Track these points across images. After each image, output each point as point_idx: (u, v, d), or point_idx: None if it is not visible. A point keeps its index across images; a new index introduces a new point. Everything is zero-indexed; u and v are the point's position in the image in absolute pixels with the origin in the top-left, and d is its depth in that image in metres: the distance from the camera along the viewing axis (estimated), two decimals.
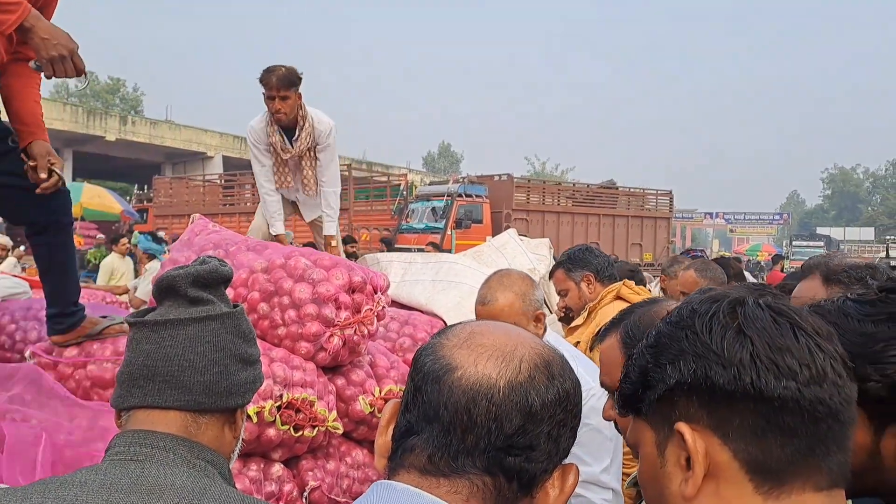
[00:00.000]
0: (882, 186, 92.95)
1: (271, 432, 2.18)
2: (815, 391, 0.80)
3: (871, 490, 1.15)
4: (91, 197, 16.58)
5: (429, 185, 23.49)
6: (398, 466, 0.88)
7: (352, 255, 9.67)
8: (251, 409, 2.11)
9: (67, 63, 2.10)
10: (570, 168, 78.64)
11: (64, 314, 2.41)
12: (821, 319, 0.87)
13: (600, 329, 1.79)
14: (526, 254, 3.83)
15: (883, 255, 18.95)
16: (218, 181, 23.25)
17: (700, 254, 7.11)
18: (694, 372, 0.83)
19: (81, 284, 3.00)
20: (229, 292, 2.42)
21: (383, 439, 0.92)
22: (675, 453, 0.84)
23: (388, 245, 14.60)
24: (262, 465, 2.24)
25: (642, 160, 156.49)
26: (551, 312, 3.63)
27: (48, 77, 2.15)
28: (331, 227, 4.31)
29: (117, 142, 30.99)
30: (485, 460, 0.84)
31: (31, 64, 2.15)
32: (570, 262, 3.35)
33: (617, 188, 22.95)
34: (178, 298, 1.25)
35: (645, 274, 7.03)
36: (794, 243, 43.55)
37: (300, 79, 3.94)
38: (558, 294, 3.46)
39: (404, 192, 19.90)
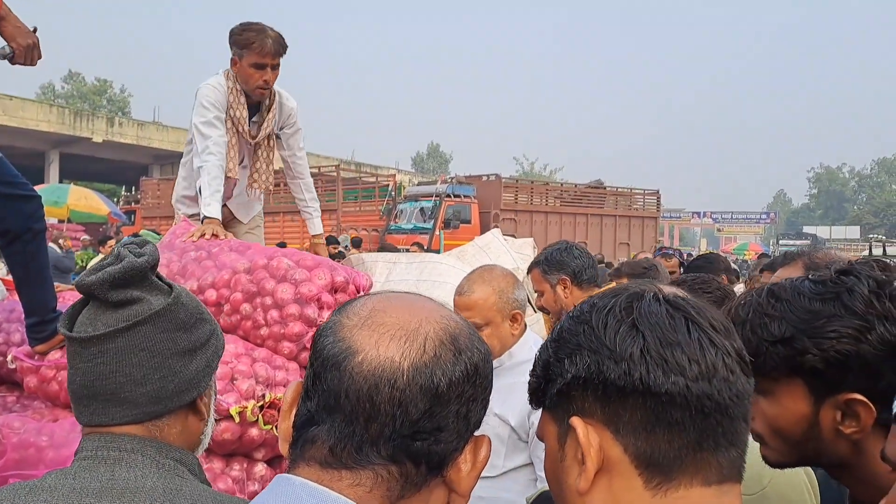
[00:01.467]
0: (867, 185, 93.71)
1: (254, 432, 2.19)
2: (704, 387, 0.80)
3: (811, 459, 1.22)
4: (78, 199, 16.50)
5: (417, 185, 23.51)
6: (298, 459, 0.83)
7: (335, 256, 9.66)
8: (233, 409, 2.12)
9: (35, 51, 2.26)
10: (559, 168, 79.01)
11: (44, 322, 2.40)
12: (719, 313, 0.88)
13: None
14: (510, 253, 3.86)
15: (866, 253, 19.08)
16: None
17: (672, 252, 7.14)
18: (588, 367, 0.83)
19: (69, 288, 3.00)
20: (211, 293, 2.44)
21: (286, 424, 0.87)
22: (572, 447, 0.84)
23: (357, 245, 14.60)
24: (244, 465, 2.25)
25: (631, 160, 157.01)
26: (536, 311, 3.65)
27: (19, 63, 2.25)
28: (318, 224, 3.83)
29: (104, 143, 30.85)
30: (390, 448, 0.80)
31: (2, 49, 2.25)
32: (547, 263, 3.19)
33: (604, 188, 23.07)
34: (100, 305, 1.16)
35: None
36: (780, 242, 43.85)
37: (287, 46, 3.33)
38: (535, 293, 3.39)
39: (393, 193, 19.93)
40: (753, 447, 1.56)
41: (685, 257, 9.00)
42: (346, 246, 13.88)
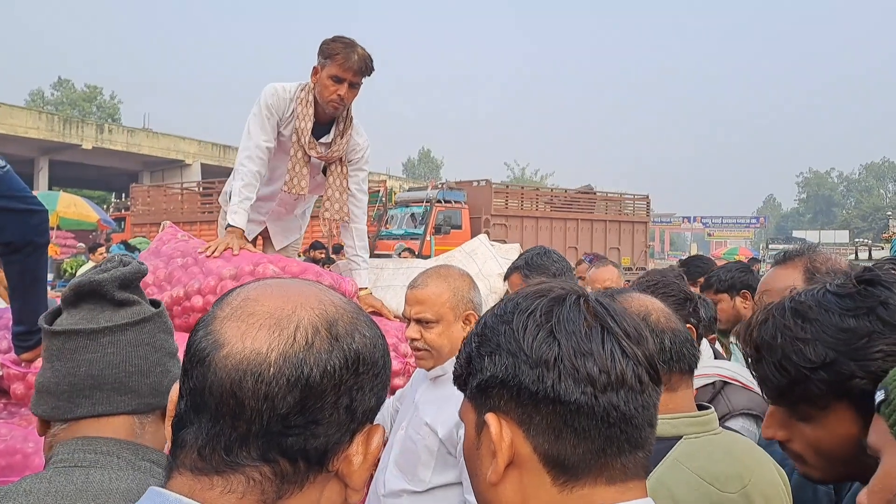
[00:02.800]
0: (856, 190, 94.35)
1: None
2: (611, 397, 0.83)
3: (858, 475, 1.16)
4: (67, 206, 16.42)
5: (408, 191, 23.52)
6: (171, 467, 0.78)
7: (317, 262, 9.63)
8: None
9: None
10: (550, 173, 79.35)
11: (31, 332, 2.40)
12: (636, 320, 0.90)
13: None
14: (496, 259, 3.87)
15: (853, 257, 19.21)
16: (196, 189, 23.14)
17: (592, 257, 7.24)
18: (506, 368, 0.85)
19: (57, 294, 3.00)
20: (197, 299, 2.46)
21: (167, 428, 0.82)
22: (487, 439, 0.86)
23: (338, 251, 14.54)
24: None
25: (621, 165, 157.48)
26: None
27: None
28: (364, 278, 3.38)
29: (94, 150, 30.74)
30: (259, 447, 0.75)
31: None
32: (528, 268, 3.14)
33: (594, 193, 23.13)
34: (103, 302, 1.23)
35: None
36: (770, 246, 44.00)
37: (373, 69, 3.12)
38: None
39: (383, 199, 19.92)
40: (734, 447, 1.61)
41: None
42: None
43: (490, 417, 0.85)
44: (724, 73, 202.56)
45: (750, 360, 1.24)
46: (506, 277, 3.32)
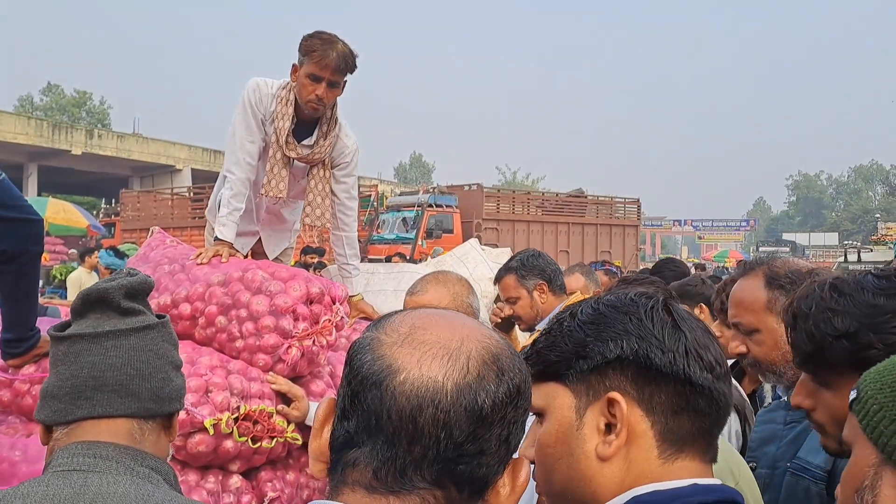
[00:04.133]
0: (845, 192, 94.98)
1: (228, 444, 2.19)
2: (723, 385, 0.97)
3: None
4: (56, 212, 16.35)
5: (399, 195, 23.54)
6: (341, 484, 0.81)
7: (309, 266, 9.55)
8: (208, 421, 2.13)
9: None
10: (542, 177, 79.49)
11: (21, 339, 2.40)
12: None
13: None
14: (487, 263, 3.88)
15: (842, 259, 19.31)
16: (187, 194, 23.08)
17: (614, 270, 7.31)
18: (636, 351, 0.95)
19: (47, 300, 2.98)
20: (185, 307, 2.44)
21: (318, 443, 0.85)
22: (594, 418, 0.96)
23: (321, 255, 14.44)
24: (220, 478, 2.25)
25: (613, 168, 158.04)
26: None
27: None
28: (356, 285, 3.29)
29: (84, 155, 30.62)
30: (434, 472, 0.78)
31: None
32: (524, 269, 3.09)
33: (586, 197, 23.21)
34: (109, 310, 1.27)
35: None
36: (760, 249, 44.21)
37: (356, 66, 2.93)
38: (506, 301, 3.18)
39: (375, 204, 19.94)
40: (721, 451, 1.62)
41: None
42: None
43: (617, 396, 0.94)
44: (713, 75, 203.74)
45: (787, 328, 1.40)
46: (497, 280, 3.26)
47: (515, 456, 0.86)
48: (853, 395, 1.02)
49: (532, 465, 0.96)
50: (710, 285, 3.28)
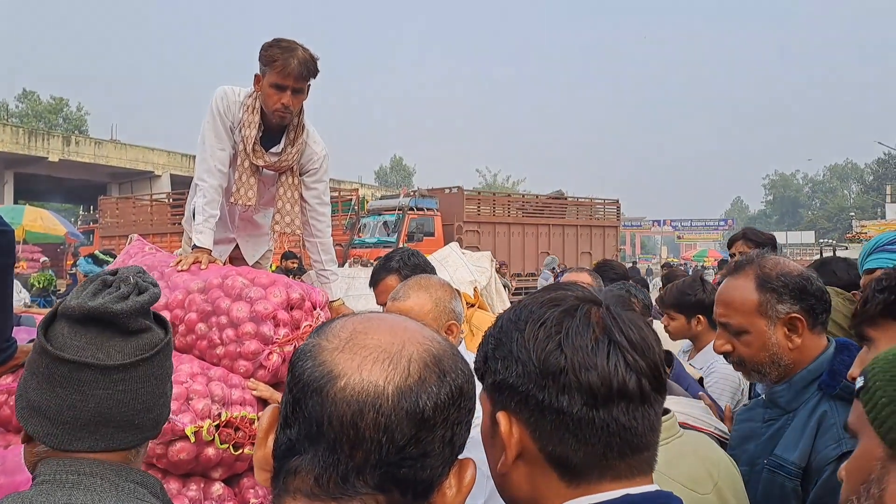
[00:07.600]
0: (821, 191, 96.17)
1: (210, 451, 2.18)
2: (611, 409, 0.89)
3: None
4: (33, 219, 16.16)
5: (380, 199, 23.50)
6: (282, 493, 0.80)
7: (290, 272, 9.46)
8: (189, 428, 2.12)
9: None
10: (522, 179, 79.75)
11: None
12: (644, 328, 0.95)
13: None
14: (467, 266, 3.88)
15: (818, 257, 19.55)
16: (166, 200, 22.89)
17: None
18: (517, 375, 0.93)
19: (27, 310, 2.94)
20: (165, 314, 2.43)
21: (262, 451, 0.84)
22: (499, 432, 0.94)
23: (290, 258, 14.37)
24: (202, 485, 2.24)
25: (593, 170, 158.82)
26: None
27: None
28: (335, 290, 3.28)
29: (61, 162, 30.26)
30: (376, 477, 0.77)
31: None
32: (407, 269, 2.99)
33: (566, 198, 23.31)
34: (113, 327, 1.19)
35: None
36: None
37: (318, 70, 2.92)
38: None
39: (356, 207, 19.88)
40: (698, 447, 1.64)
41: None
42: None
43: (501, 416, 0.93)
44: (690, 77, 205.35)
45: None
46: (378, 281, 3.12)
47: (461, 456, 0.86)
48: (860, 382, 1.01)
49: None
50: (713, 289, 3.14)
